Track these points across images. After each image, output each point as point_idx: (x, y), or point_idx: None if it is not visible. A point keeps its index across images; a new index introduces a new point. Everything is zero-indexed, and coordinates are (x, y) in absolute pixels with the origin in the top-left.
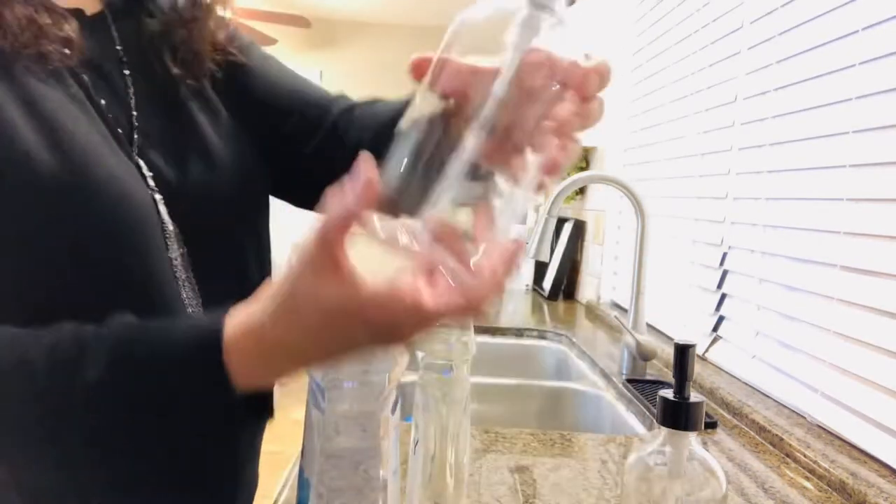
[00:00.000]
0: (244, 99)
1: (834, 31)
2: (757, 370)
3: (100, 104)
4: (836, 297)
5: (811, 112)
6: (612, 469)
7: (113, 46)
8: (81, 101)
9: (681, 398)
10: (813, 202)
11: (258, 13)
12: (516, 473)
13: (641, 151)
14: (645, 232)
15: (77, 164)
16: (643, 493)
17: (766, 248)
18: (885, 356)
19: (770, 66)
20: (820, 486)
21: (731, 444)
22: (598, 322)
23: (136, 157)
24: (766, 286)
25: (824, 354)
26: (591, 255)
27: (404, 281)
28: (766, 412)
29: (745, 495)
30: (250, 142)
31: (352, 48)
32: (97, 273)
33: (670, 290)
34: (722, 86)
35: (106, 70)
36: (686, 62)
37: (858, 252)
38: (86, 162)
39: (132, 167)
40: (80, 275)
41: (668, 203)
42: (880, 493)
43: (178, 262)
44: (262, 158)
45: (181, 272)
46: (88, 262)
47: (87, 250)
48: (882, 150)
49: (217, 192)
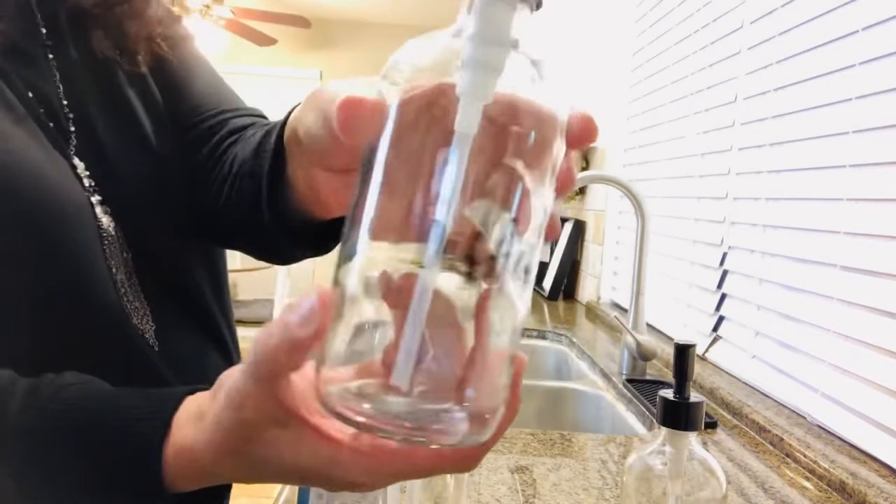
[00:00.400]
0: (167, 94)
1: (834, 31)
2: (757, 370)
3: (26, 96)
4: (836, 297)
5: (811, 112)
6: (612, 469)
7: (37, 28)
8: (3, 95)
9: (681, 398)
10: (813, 202)
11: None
12: (516, 473)
13: (641, 151)
14: (645, 232)
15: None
16: (643, 493)
17: (766, 248)
18: (885, 356)
19: (770, 66)
20: (820, 486)
21: (731, 444)
22: (598, 322)
23: (71, 154)
24: (766, 286)
25: (824, 354)
26: (591, 255)
27: (388, 443)
28: (766, 412)
29: (745, 495)
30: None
31: (352, 48)
32: (28, 282)
33: (670, 290)
34: (722, 86)
35: (31, 55)
36: (686, 62)
37: (858, 252)
38: (5, 162)
39: (65, 166)
40: (8, 283)
41: (668, 203)
42: (880, 493)
43: (118, 267)
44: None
45: (123, 278)
46: (17, 269)
47: (15, 257)
48: (882, 150)
49: (160, 192)
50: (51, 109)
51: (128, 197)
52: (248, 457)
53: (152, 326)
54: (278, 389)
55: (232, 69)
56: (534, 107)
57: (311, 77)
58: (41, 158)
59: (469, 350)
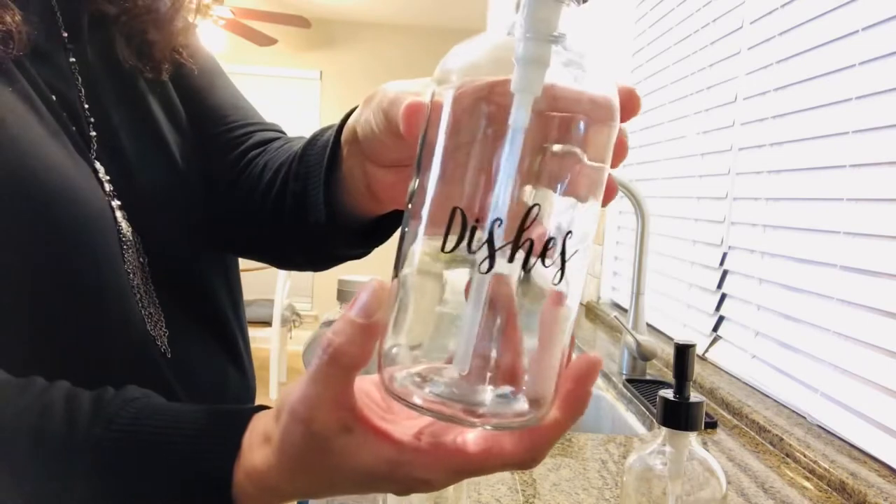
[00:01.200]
0: (188, 103)
1: (834, 31)
2: (757, 370)
3: (51, 100)
4: (836, 297)
5: (811, 112)
6: (612, 469)
7: (59, 31)
8: (29, 97)
9: (681, 398)
10: (813, 202)
11: (258, 13)
12: (516, 473)
13: (641, 151)
14: (645, 232)
15: (25, 168)
16: (643, 493)
17: (766, 249)
18: (885, 356)
19: (770, 66)
20: (820, 486)
21: (731, 444)
22: (598, 322)
23: (92, 159)
24: (766, 286)
25: (824, 354)
26: (591, 255)
27: (447, 440)
28: (766, 412)
29: (745, 495)
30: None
31: (352, 48)
32: (47, 283)
33: (670, 290)
34: (722, 86)
35: (54, 58)
36: (686, 62)
37: (858, 252)
38: (34, 166)
39: (87, 170)
40: (29, 284)
41: (668, 203)
42: (880, 493)
43: (135, 272)
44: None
45: (139, 283)
46: (37, 271)
47: (35, 259)
48: (882, 150)
49: (179, 198)
50: (73, 112)
51: (146, 202)
52: (319, 470)
53: (165, 332)
54: (347, 390)
55: (232, 69)
56: (588, 95)
57: (311, 77)
58: (66, 163)
59: (525, 337)
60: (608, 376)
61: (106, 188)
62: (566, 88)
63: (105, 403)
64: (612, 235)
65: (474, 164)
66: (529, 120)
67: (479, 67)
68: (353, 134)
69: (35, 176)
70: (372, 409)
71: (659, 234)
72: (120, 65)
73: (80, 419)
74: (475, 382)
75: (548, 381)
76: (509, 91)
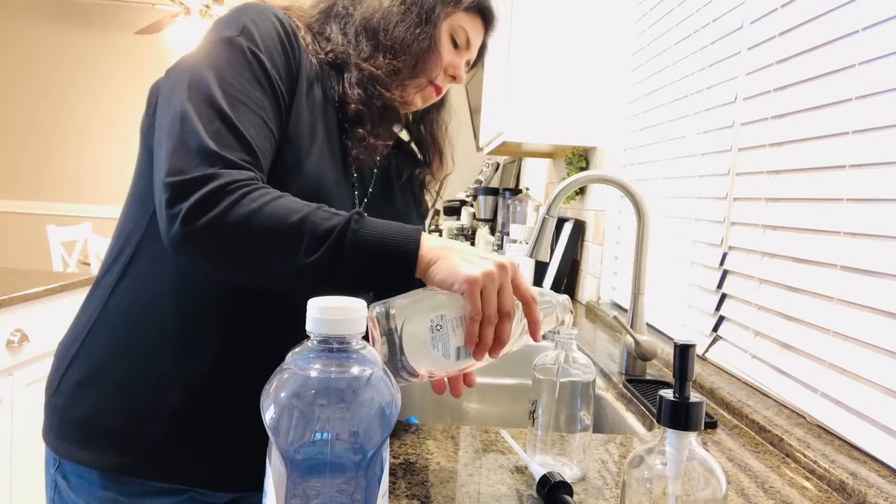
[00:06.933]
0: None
1: (834, 31)
2: (757, 370)
3: (352, 175)
4: (836, 297)
5: (811, 112)
6: (612, 469)
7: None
8: (346, 172)
9: (681, 398)
10: (813, 203)
11: None
12: (516, 473)
13: (641, 151)
14: (645, 232)
15: (322, 194)
16: (643, 493)
17: (766, 249)
18: (885, 356)
19: (770, 66)
20: (820, 486)
21: (731, 444)
22: (598, 322)
23: (356, 201)
24: (766, 286)
25: (824, 354)
26: (591, 255)
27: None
28: (766, 412)
29: (745, 495)
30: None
31: None
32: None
33: (670, 290)
34: (722, 86)
35: (365, 165)
36: (686, 62)
37: (858, 252)
38: (329, 196)
39: (353, 198)
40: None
41: (668, 203)
42: (880, 493)
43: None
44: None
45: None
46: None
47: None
48: (882, 150)
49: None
50: (360, 189)
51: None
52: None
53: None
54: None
55: None
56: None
57: None
58: (344, 199)
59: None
60: (608, 376)
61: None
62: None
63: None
64: (611, 235)
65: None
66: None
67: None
68: None
69: (325, 197)
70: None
71: (659, 234)
72: (392, 179)
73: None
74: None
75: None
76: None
